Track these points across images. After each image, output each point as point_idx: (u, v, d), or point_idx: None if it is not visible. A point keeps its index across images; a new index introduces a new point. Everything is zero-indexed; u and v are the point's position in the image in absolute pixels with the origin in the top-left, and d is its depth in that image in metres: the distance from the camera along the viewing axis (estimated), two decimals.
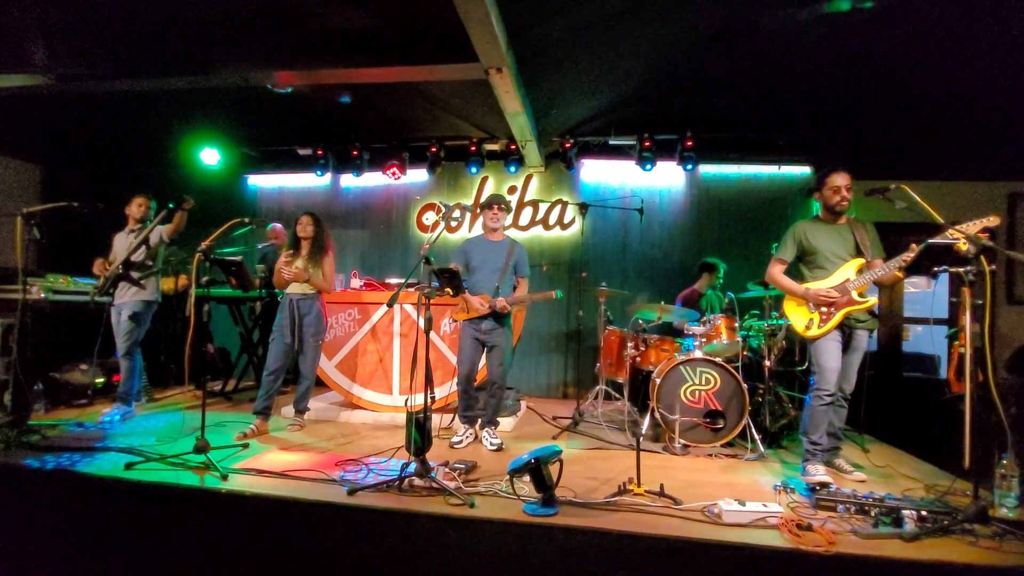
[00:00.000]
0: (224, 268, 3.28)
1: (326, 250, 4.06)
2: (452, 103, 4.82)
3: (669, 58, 3.97)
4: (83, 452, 3.24)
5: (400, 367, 4.34)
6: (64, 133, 5.75)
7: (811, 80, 4.20)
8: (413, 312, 4.33)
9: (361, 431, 4.04)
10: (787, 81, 4.26)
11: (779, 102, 4.69)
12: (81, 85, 3.65)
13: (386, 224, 6.14)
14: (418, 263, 3.10)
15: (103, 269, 3.97)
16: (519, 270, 3.78)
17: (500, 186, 5.88)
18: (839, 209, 3.22)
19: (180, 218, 3.99)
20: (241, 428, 3.88)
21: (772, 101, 4.68)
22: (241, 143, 6.07)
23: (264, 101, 4.79)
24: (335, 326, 4.45)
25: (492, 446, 3.63)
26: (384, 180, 5.99)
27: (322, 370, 4.39)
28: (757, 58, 3.90)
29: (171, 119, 5.38)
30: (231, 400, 5.10)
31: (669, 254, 5.63)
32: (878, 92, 4.32)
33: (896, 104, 4.48)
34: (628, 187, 5.67)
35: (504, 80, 3.39)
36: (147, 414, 4.37)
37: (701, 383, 3.82)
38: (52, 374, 4.52)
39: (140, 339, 4.15)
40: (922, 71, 3.87)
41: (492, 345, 3.68)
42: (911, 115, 4.63)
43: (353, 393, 4.40)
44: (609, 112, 5.03)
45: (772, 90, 4.45)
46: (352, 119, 5.42)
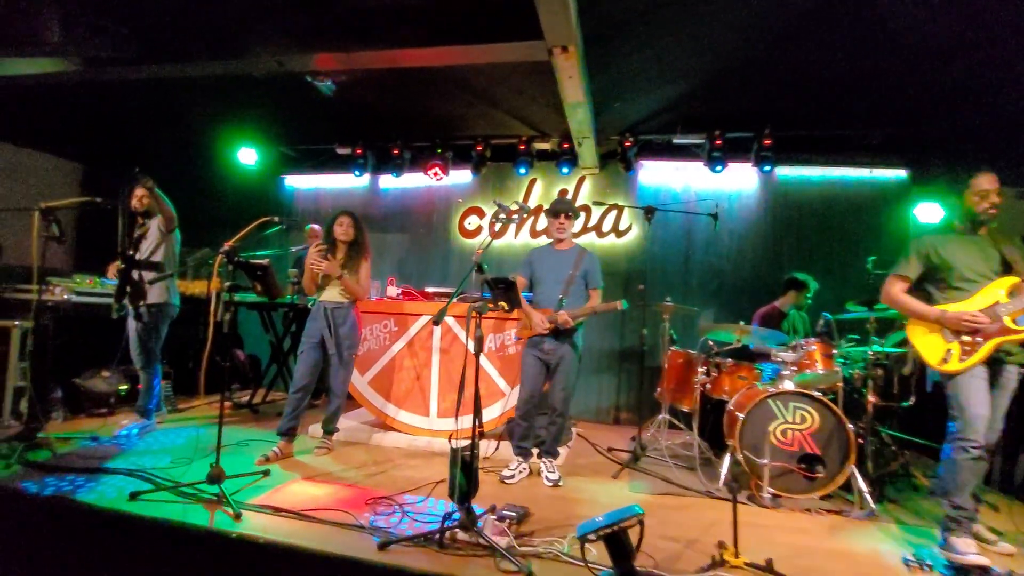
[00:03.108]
0: (248, 272, 2.91)
1: (364, 254, 3.66)
2: (501, 97, 4.39)
3: (750, 44, 3.44)
4: (89, 474, 2.89)
5: (439, 386, 3.88)
6: (103, 131, 5.62)
7: (910, 70, 3.57)
8: (455, 325, 3.87)
9: (394, 457, 3.59)
10: (882, 71, 3.64)
11: (872, 95, 4.06)
12: (110, 71, 3.38)
13: (426, 228, 5.74)
14: (469, 271, 2.63)
15: (116, 273, 3.67)
16: (590, 280, 3.29)
17: (550, 189, 5.40)
18: (984, 218, 2.61)
19: (160, 202, 3.62)
20: (265, 448, 3.50)
21: (863, 94, 4.05)
22: (279, 141, 5.81)
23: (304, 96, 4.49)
24: (369, 338, 4.04)
25: (550, 481, 3.13)
26: (425, 181, 5.59)
27: (354, 386, 3.98)
28: (849, 45, 3.33)
29: (209, 116, 5.15)
30: (257, 413, 4.76)
31: (739, 266, 5.01)
32: (991, 84, 3.65)
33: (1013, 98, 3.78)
34: (693, 190, 5.09)
35: (570, 62, 2.92)
36: (167, 428, 4.05)
37: (795, 421, 3.20)
38: (74, 380, 4.27)
39: (159, 348, 3.83)
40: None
41: (555, 367, 3.19)
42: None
43: (387, 413, 3.96)
44: (676, 107, 4.49)
45: (864, 82, 3.83)
46: (393, 116, 5.06)
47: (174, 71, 3.34)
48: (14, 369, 3.82)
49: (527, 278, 3.38)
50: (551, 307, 3.16)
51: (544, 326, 3.10)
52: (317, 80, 4.01)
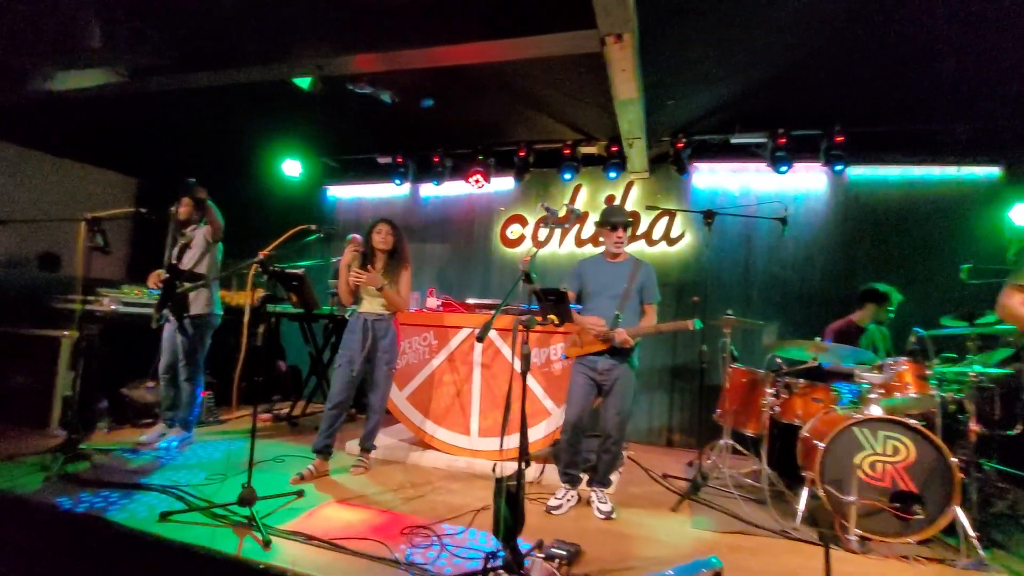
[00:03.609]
0: (284, 282, 2.79)
1: (404, 263, 3.50)
2: (546, 99, 4.17)
3: (819, 33, 3.10)
4: (123, 490, 2.82)
5: (480, 404, 3.66)
6: (155, 145, 5.77)
7: (1003, 54, 3.13)
8: (498, 339, 3.64)
9: (433, 479, 3.38)
10: (969, 57, 3.21)
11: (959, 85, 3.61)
12: (155, 81, 3.39)
13: (467, 238, 5.58)
14: (516, 282, 2.40)
15: (158, 282, 3.65)
16: (646, 295, 3.01)
17: (595, 195, 5.14)
18: None
19: (210, 213, 3.59)
20: (300, 465, 3.37)
21: (949, 85, 3.61)
22: (322, 152, 5.81)
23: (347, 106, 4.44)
24: (407, 351, 3.87)
25: (602, 513, 2.83)
26: (465, 189, 5.44)
27: (392, 401, 3.81)
28: (931, 30, 2.94)
29: (255, 129, 5.19)
30: (296, 426, 4.67)
31: (806, 276, 4.58)
32: None
33: None
34: (753, 193, 4.71)
35: (624, 53, 2.67)
36: (206, 440, 3.99)
37: (886, 452, 2.79)
38: (121, 391, 4.29)
39: (202, 360, 3.78)
40: None
41: (610, 388, 2.91)
42: None
43: (425, 431, 3.77)
44: (734, 104, 4.15)
45: (949, 69, 3.39)
46: (434, 124, 4.94)
47: (215, 78, 3.30)
48: (63, 379, 3.86)
49: (575, 291, 3.13)
50: (606, 324, 2.89)
51: (599, 330, 2.83)
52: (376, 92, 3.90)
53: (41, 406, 3.84)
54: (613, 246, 3.08)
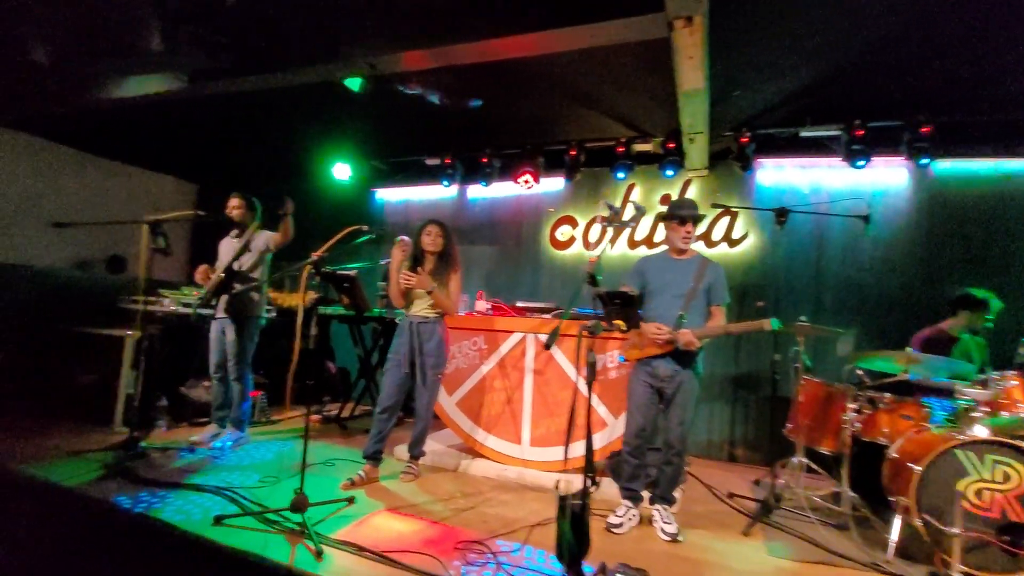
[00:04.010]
0: (335, 284, 2.74)
1: (454, 265, 3.41)
2: (599, 94, 4.01)
3: (901, 15, 2.81)
4: (179, 490, 2.83)
5: (532, 412, 3.51)
6: (213, 152, 5.95)
7: None
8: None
9: (483, 490, 3.26)
10: None
11: None
12: (213, 86, 3.44)
13: (515, 239, 5.46)
14: (580, 283, 2.25)
15: (206, 277, 3.69)
16: (714, 296, 2.79)
17: (650, 194, 4.91)
18: None
19: (286, 225, 3.61)
20: (350, 469, 3.33)
21: None
22: (371, 155, 5.83)
23: (395, 108, 4.44)
24: (457, 356, 3.77)
25: (667, 535, 2.63)
26: (513, 190, 5.33)
27: (440, 406, 3.73)
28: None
29: (307, 134, 5.26)
30: (346, 429, 4.66)
31: (885, 280, 4.20)
32: None
33: None
34: (825, 190, 4.37)
35: (693, 38, 2.48)
36: (259, 441, 4.02)
37: (995, 479, 2.46)
38: (179, 389, 4.40)
39: (250, 359, 3.81)
40: None
41: (671, 396, 2.71)
42: None
43: (475, 438, 3.66)
44: (804, 95, 3.86)
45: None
46: (482, 124, 4.85)
47: (270, 81, 3.32)
48: (126, 377, 3.97)
49: (636, 290, 2.94)
50: (669, 325, 2.68)
51: (661, 337, 2.63)
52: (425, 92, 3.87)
53: (106, 404, 3.96)
54: (681, 241, 2.86)
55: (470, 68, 3.50)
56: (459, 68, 3.43)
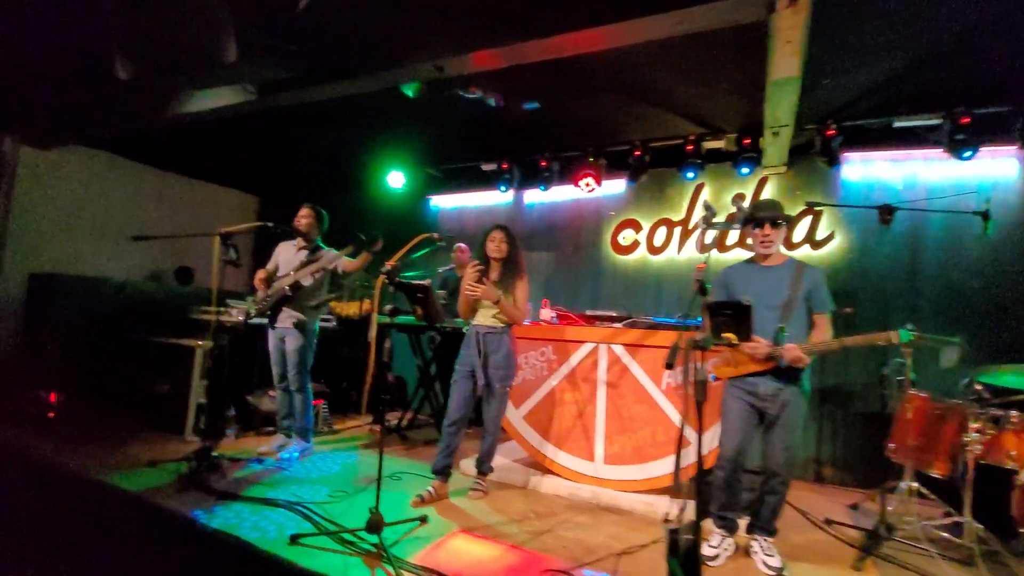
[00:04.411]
0: (409, 294, 2.65)
1: (520, 273, 3.26)
2: (666, 89, 3.79)
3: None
4: (252, 504, 2.80)
5: (606, 427, 3.32)
6: (272, 164, 6.08)
7: None
8: (624, 355, 3.29)
9: (557, 510, 3.08)
10: None
11: None
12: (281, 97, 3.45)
13: (574, 245, 5.28)
14: (695, 292, 2.06)
15: (264, 283, 3.70)
16: (816, 303, 2.52)
17: (720, 194, 4.63)
18: None
19: (365, 258, 3.58)
20: (416, 483, 3.24)
21: None
22: (425, 162, 5.80)
23: (451, 114, 4.37)
24: (524, 367, 3.62)
25: (771, 569, 2.38)
26: (572, 194, 5.16)
27: (507, 419, 3.58)
28: None
29: (363, 143, 5.28)
30: (406, 440, 4.59)
31: (994, 283, 3.76)
32: None
33: None
34: (922, 185, 3.98)
35: (795, 19, 2.25)
36: (324, 451, 3.99)
37: None
38: (246, 398, 4.45)
39: (310, 369, 3.80)
40: None
41: (774, 417, 2.46)
42: None
43: (544, 453, 3.49)
44: (897, 81, 3.52)
45: None
46: (540, 127, 4.72)
47: (339, 89, 3.29)
48: (197, 387, 4.04)
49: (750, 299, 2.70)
50: (766, 339, 2.44)
51: (760, 353, 2.39)
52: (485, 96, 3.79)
53: (178, 413, 4.03)
54: (760, 246, 2.62)
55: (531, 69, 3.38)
56: (522, 69, 3.32)
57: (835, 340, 2.42)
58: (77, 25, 3.32)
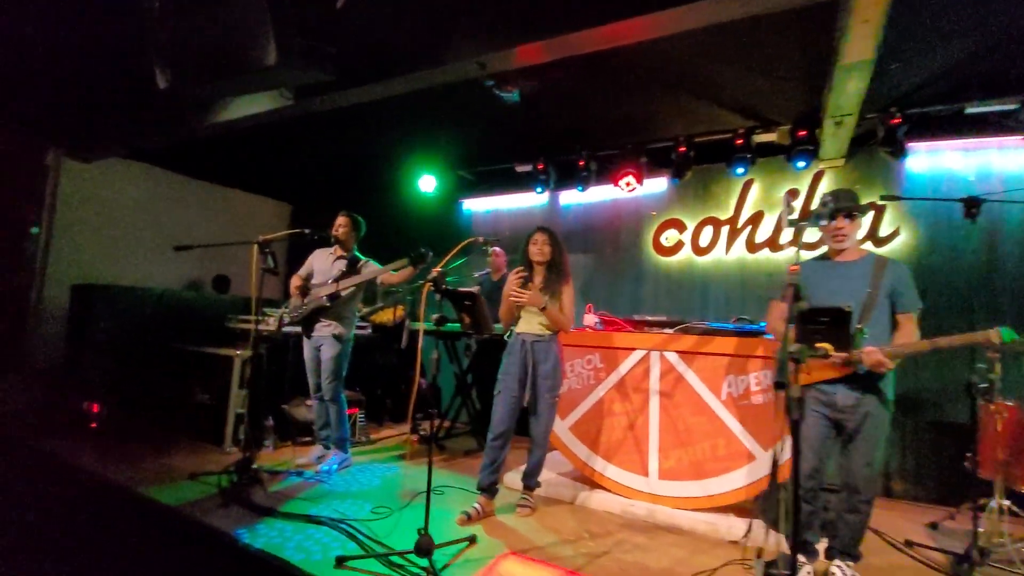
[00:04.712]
0: (456, 302, 2.52)
1: (566, 277, 3.10)
2: (711, 81, 3.60)
3: None
4: (294, 521, 2.70)
5: (660, 440, 3.12)
6: (304, 173, 6.08)
7: None
8: (679, 363, 3.09)
9: (611, 528, 2.90)
10: None
11: None
12: (318, 102, 3.38)
13: (613, 247, 5.09)
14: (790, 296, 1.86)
15: (299, 290, 3.65)
16: (901, 302, 2.29)
17: (771, 191, 4.39)
18: None
19: (409, 272, 3.48)
20: (459, 498, 3.11)
21: None
22: (457, 165, 5.70)
23: (484, 115, 4.26)
24: (570, 375, 3.45)
25: None
26: (610, 194, 4.98)
27: (552, 430, 3.42)
28: None
29: (393, 147, 5.21)
30: (444, 450, 4.46)
31: None
32: None
33: None
34: (997, 175, 3.68)
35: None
36: (363, 463, 3.90)
37: None
38: (283, 407, 4.40)
39: (344, 378, 3.71)
40: None
41: (854, 430, 2.24)
42: None
43: (592, 467, 3.31)
44: (970, 64, 3.24)
45: None
46: (576, 126, 4.57)
47: (371, 93, 3.20)
48: (235, 397, 3.99)
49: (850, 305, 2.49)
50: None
51: (838, 358, 2.16)
52: (503, 91, 3.69)
53: (217, 423, 3.99)
54: (833, 240, 2.41)
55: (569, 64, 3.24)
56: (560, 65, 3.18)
57: (925, 341, 2.18)
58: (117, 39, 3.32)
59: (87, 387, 4.59)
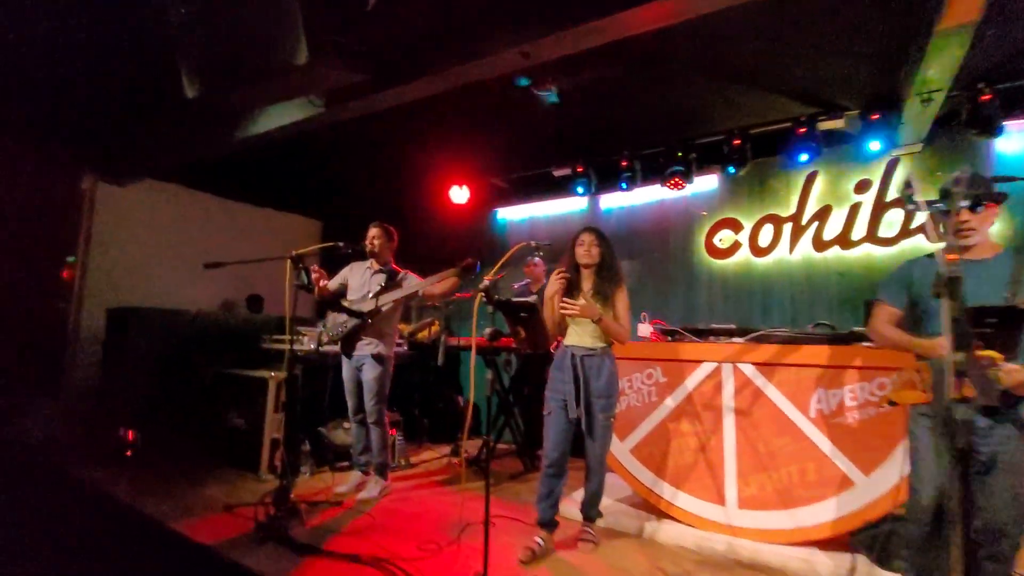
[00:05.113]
0: (511, 314, 2.24)
1: (619, 281, 2.78)
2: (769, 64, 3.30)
3: None
4: (339, 558, 2.46)
5: (738, 463, 2.77)
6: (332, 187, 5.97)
7: None
8: (756, 376, 2.75)
9: (688, 567, 2.56)
10: None
11: None
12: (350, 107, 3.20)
13: (661, 251, 4.76)
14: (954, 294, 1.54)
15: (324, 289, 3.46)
16: None
17: (837, 183, 4.01)
18: None
19: (452, 284, 3.25)
20: (511, 530, 2.83)
21: None
22: (490, 173, 5.48)
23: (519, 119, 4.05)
24: (628, 391, 3.14)
25: None
26: (657, 195, 4.69)
27: (611, 453, 3.10)
28: None
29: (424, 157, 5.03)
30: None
31: None
32: None
33: None
34: None
35: None
36: (403, 488, 3.65)
37: None
38: (319, 430, 4.19)
39: (387, 399, 3.49)
40: None
41: (989, 458, 1.86)
42: None
43: (659, 495, 2.98)
44: None
45: None
46: (617, 125, 4.31)
47: (411, 91, 3.00)
48: (270, 421, 3.80)
49: (900, 307, 2.13)
50: None
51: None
52: (542, 90, 3.48)
53: (253, 448, 3.81)
54: (956, 235, 2.03)
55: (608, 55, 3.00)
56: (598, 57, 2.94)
57: None
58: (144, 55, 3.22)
59: (122, 412, 4.49)
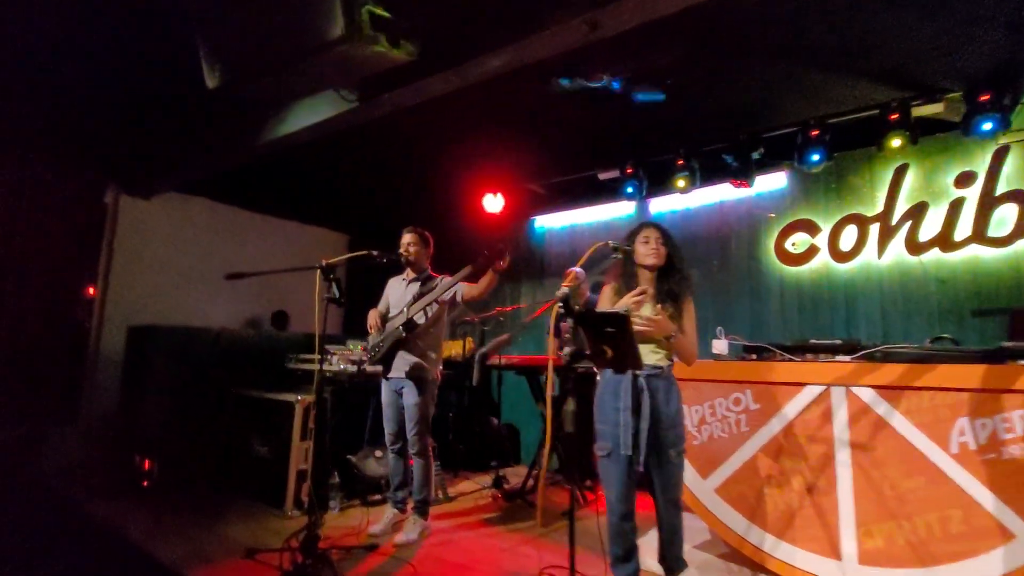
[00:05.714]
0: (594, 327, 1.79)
1: (688, 289, 2.31)
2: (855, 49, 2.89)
3: None
4: None
5: (855, 509, 2.28)
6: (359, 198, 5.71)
7: None
8: (880, 403, 2.27)
9: None
10: None
11: None
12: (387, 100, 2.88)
13: (722, 258, 4.30)
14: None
15: (377, 325, 3.14)
16: None
17: (932, 178, 3.53)
18: None
19: (490, 280, 2.89)
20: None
21: None
22: (528, 178, 5.12)
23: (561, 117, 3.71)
24: (709, 420, 2.68)
25: None
26: (715, 196, 4.28)
27: (689, 491, 2.65)
28: None
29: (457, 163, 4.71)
30: (532, 506, 3.71)
31: None
32: None
33: None
34: None
35: None
36: (444, 527, 3.24)
37: None
38: (348, 458, 3.81)
39: (431, 428, 3.11)
40: None
41: None
42: None
43: (753, 544, 2.50)
44: None
45: None
46: (668, 120, 3.90)
47: (451, 82, 2.66)
48: (296, 450, 3.44)
49: None
50: None
51: None
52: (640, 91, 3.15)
53: (277, 482, 3.44)
54: None
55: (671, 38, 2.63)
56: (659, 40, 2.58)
57: None
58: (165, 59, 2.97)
59: (140, 439, 4.18)
